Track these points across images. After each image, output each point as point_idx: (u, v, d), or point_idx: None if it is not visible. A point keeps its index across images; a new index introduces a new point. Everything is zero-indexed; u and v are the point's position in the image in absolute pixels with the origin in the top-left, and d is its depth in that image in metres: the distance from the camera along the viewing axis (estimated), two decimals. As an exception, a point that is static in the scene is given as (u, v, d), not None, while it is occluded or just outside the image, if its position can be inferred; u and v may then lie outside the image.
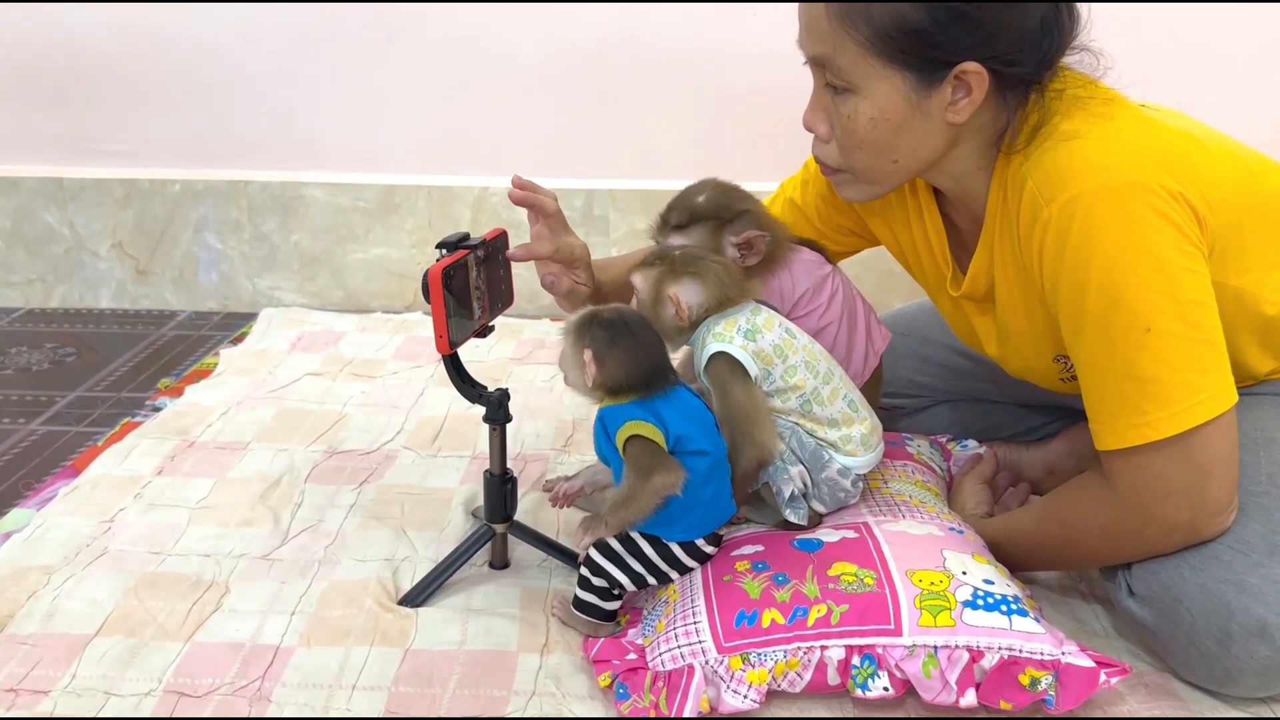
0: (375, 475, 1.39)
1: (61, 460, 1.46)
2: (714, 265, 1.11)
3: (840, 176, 1.06)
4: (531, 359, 1.82)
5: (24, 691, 0.96)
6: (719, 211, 1.19)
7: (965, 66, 0.93)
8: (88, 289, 2.13)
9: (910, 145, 0.99)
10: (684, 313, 1.09)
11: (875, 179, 1.04)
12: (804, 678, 0.94)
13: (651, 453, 0.98)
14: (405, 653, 1.02)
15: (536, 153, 2.08)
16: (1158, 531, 0.95)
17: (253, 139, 2.08)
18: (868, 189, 1.06)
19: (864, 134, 0.98)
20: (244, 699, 0.96)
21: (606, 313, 1.03)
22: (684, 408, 1.02)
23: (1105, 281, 0.91)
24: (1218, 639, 0.92)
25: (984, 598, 0.96)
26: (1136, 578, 1.00)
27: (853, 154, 1.02)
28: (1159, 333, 0.90)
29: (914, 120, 0.96)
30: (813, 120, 1.04)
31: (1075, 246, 0.92)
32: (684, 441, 1.00)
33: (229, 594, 1.11)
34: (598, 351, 1.00)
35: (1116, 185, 0.90)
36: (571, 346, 1.03)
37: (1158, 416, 0.91)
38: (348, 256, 2.11)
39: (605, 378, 1.01)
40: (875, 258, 2.07)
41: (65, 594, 1.10)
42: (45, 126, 2.07)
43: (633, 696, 0.94)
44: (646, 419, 0.99)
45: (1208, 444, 0.92)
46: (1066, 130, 0.95)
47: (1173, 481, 0.93)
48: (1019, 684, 0.91)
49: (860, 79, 0.96)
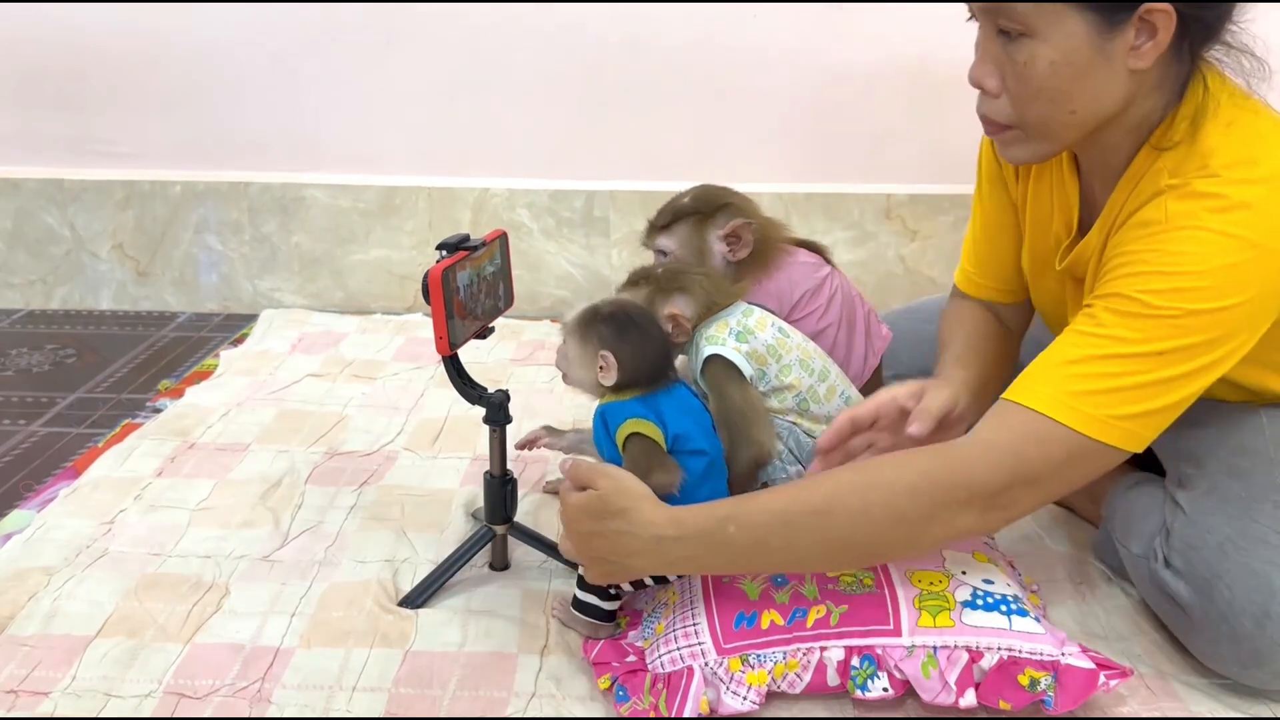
0: (375, 476, 1.39)
1: (62, 461, 1.46)
2: (696, 275, 1.13)
3: (1009, 134, 0.98)
4: (532, 360, 1.82)
5: (24, 693, 0.96)
6: (701, 207, 1.20)
7: (1151, 5, 0.86)
8: (88, 290, 2.13)
9: (1091, 94, 0.92)
10: (687, 329, 1.11)
11: (1049, 133, 0.96)
12: (803, 679, 0.94)
13: (651, 452, 0.98)
14: (405, 654, 1.02)
15: (537, 154, 2.08)
16: (966, 501, 0.89)
17: (253, 140, 2.08)
18: (1038, 146, 0.98)
19: (1043, 81, 0.91)
20: (244, 700, 0.96)
21: (607, 307, 1.03)
22: (684, 405, 1.02)
23: (1188, 285, 0.87)
24: (1255, 618, 0.92)
25: (983, 597, 0.96)
26: (1175, 550, 1.00)
27: (1028, 105, 0.94)
28: (1169, 360, 0.87)
29: (1096, 64, 0.90)
30: (981, 74, 0.96)
31: (1180, 229, 0.88)
32: (682, 440, 1.00)
33: (229, 595, 1.12)
34: (611, 349, 1.00)
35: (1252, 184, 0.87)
36: (579, 345, 1.02)
37: (1108, 417, 0.88)
38: (348, 258, 2.11)
39: (620, 375, 1.01)
40: (875, 259, 2.08)
41: (65, 595, 1.10)
42: (46, 128, 2.08)
43: (632, 698, 0.94)
44: (648, 417, 0.99)
45: (1099, 465, 0.90)
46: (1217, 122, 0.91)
47: (1046, 468, 0.89)
48: (1018, 684, 0.91)
49: (1040, 21, 0.89)
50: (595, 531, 0.94)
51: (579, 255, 2.10)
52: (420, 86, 2.04)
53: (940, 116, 2.03)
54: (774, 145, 2.07)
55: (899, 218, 2.06)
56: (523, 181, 2.08)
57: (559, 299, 2.12)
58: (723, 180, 2.08)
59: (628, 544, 0.93)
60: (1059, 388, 0.89)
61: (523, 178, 2.08)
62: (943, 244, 2.07)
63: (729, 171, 2.06)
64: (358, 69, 2.03)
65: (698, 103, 2.03)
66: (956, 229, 2.06)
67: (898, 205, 2.05)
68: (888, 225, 2.07)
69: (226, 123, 2.07)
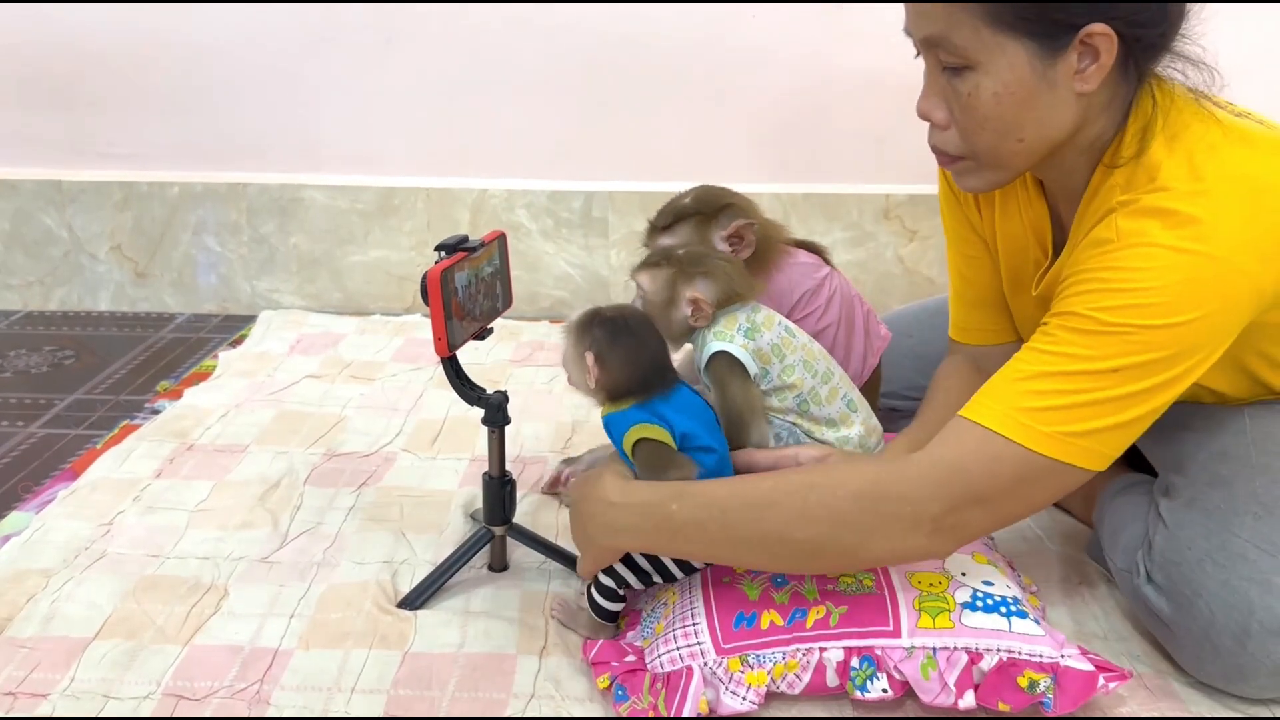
0: (374, 477, 1.39)
1: (60, 463, 1.46)
2: (720, 262, 1.11)
3: (961, 165, 0.98)
4: (530, 361, 1.82)
5: (23, 694, 0.96)
6: (702, 207, 1.20)
7: (1092, 28, 0.86)
8: (87, 292, 2.13)
9: (1037, 121, 0.92)
10: (707, 315, 1.09)
11: (1000, 162, 0.96)
12: (803, 679, 0.94)
13: (661, 453, 0.98)
14: (404, 655, 1.02)
15: (535, 155, 2.08)
16: (913, 518, 0.88)
17: (251, 141, 2.08)
18: (991, 175, 0.98)
19: (987, 111, 0.91)
20: (243, 702, 0.96)
21: (608, 311, 1.03)
22: (686, 406, 1.01)
23: (1141, 302, 0.85)
24: (1235, 635, 0.92)
25: (983, 599, 0.96)
26: (1157, 565, 0.99)
27: (975, 136, 0.94)
28: (1133, 376, 0.86)
29: (1040, 92, 0.90)
30: (928, 107, 0.96)
31: (1132, 247, 0.87)
32: (690, 439, 0.99)
33: (228, 597, 1.11)
34: (600, 353, 1.00)
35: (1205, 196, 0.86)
36: (573, 346, 1.02)
37: (1061, 434, 0.86)
38: (347, 259, 2.11)
39: (607, 380, 1.00)
40: (874, 259, 2.08)
41: (64, 597, 1.10)
42: (44, 129, 2.07)
43: (631, 698, 0.94)
44: (650, 420, 0.98)
45: (1058, 483, 0.89)
46: (1164, 140, 0.91)
47: (996, 486, 0.88)
48: (1017, 686, 0.91)
49: (979, 53, 0.89)
50: (574, 500, 1.01)
51: (578, 256, 2.10)
52: (419, 87, 2.04)
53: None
54: (772, 145, 2.07)
55: (897, 218, 2.06)
56: (521, 182, 2.08)
57: (558, 299, 2.12)
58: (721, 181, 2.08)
59: (585, 509, 0.99)
60: (1011, 404, 0.88)
61: (521, 178, 2.08)
62: (941, 244, 2.06)
63: (727, 172, 2.06)
64: (356, 70, 2.03)
65: (696, 103, 2.03)
66: (955, 229, 2.06)
67: (896, 205, 2.05)
68: (886, 225, 2.07)
69: (224, 124, 2.07)
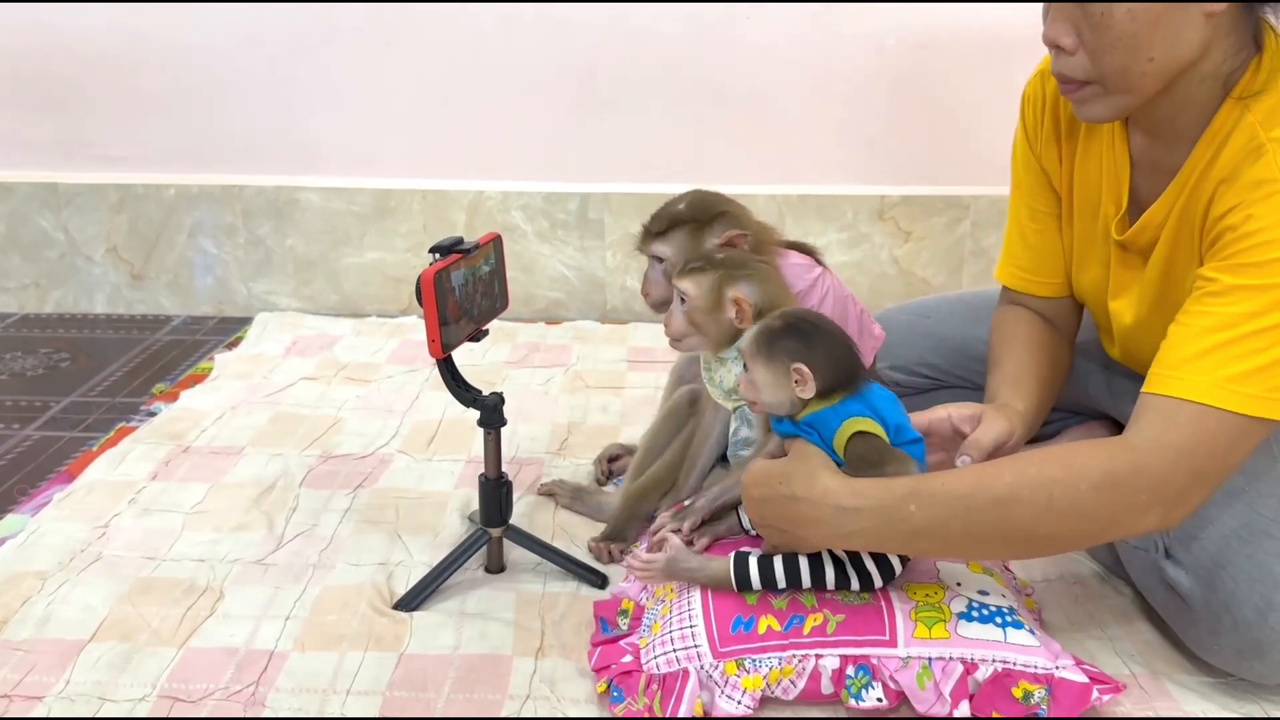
0: (370, 479, 1.39)
1: (56, 465, 1.45)
2: (761, 265, 1.11)
3: (1087, 90, 0.97)
4: (526, 362, 1.82)
5: (18, 697, 0.96)
6: (697, 214, 1.20)
7: None
8: (82, 294, 2.13)
9: (1168, 40, 0.91)
10: (749, 316, 1.08)
11: (1128, 85, 0.95)
12: (798, 685, 0.94)
13: (879, 448, 0.94)
14: (400, 657, 1.02)
15: (531, 156, 2.08)
16: (1147, 504, 0.90)
17: (247, 143, 2.08)
18: (1116, 101, 0.97)
19: (1121, 30, 0.91)
20: (238, 704, 0.96)
21: (780, 321, 0.98)
22: (885, 398, 0.97)
23: None
24: (1258, 608, 0.93)
25: (979, 609, 0.96)
26: (1177, 541, 1.00)
27: (1105, 57, 0.93)
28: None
29: (1171, 9, 0.90)
30: (1056, 33, 0.95)
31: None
32: (901, 431, 0.96)
33: (223, 599, 1.11)
34: (806, 360, 0.95)
35: None
36: (766, 366, 0.97)
37: (1269, 393, 0.87)
38: (342, 260, 2.11)
39: (820, 383, 0.95)
40: (868, 260, 2.09)
41: (60, 599, 1.10)
42: (40, 131, 2.07)
43: (627, 699, 0.94)
44: (865, 413, 0.94)
45: (1256, 442, 0.91)
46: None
47: (1215, 458, 0.89)
48: (1012, 697, 0.91)
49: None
50: (768, 497, 0.95)
51: (573, 257, 2.10)
52: (414, 89, 2.04)
53: (933, 118, 2.04)
54: (767, 147, 2.07)
55: (892, 219, 2.06)
56: (517, 184, 2.08)
57: (553, 301, 2.12)
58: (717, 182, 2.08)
59: (804, 512, 0.93)
60: (1213, 375, 0.88)
61: (517, 180, 2.08)
62: (936, 245, 2.08)
63: (723, 173, 2.07)
64: (351, 72, 2.03)
65: (691, 105, 2.04)
66: (949, 230, 2.07)
67: (891, 207, 2.06)
68: (881, 226, 2.07)
69: (220, 126, 2.07)
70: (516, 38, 1.99)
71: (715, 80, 2.02)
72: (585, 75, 2.02)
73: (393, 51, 2.01)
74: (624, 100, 2.03)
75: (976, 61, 1.99)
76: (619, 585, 1.13)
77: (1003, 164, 2.12)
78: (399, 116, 2.06)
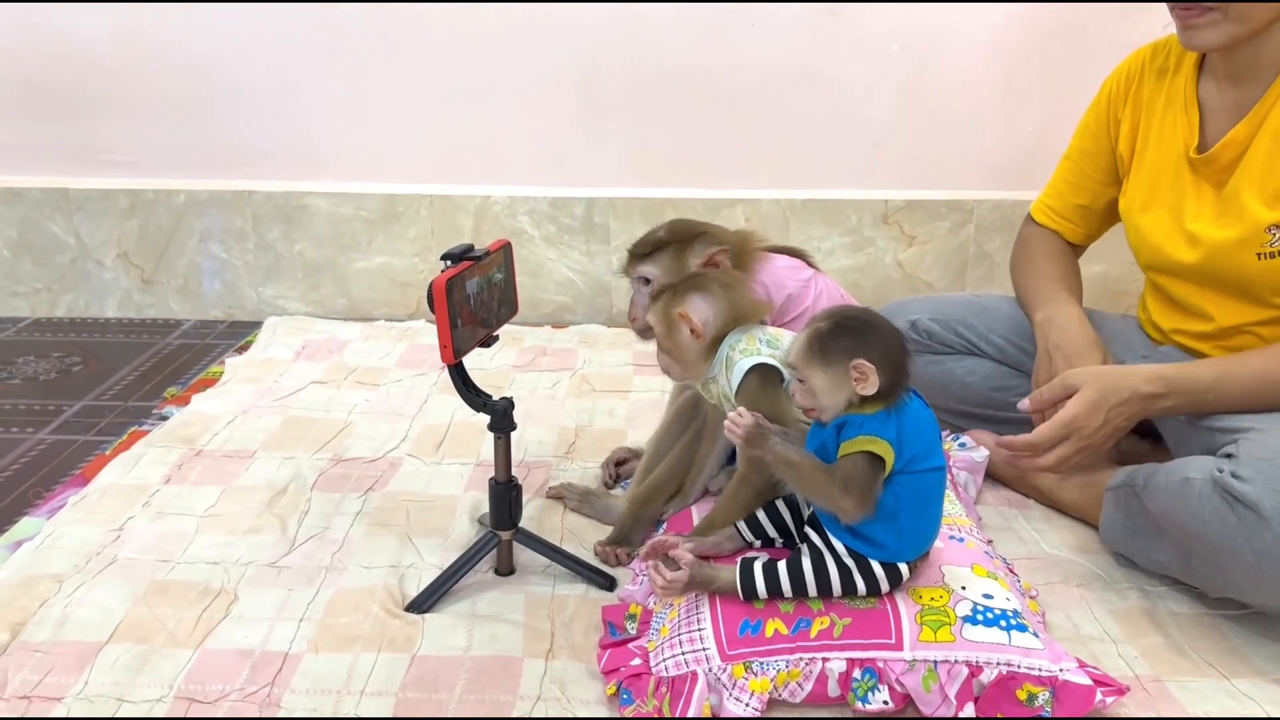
0: (380, 483, 1.40)
1: (70, 469, 1.47)
2: (716, 279, 1.12)
3: (1209, 16, 1.13)
4: (533, 366, 1.84)
5: (37, 698, 0.98)
6: (678, 236, 1.22)
7: None
8: (93, 298, 2.14)
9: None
10: (698, 329, 1.09)
11: (1245, 13, 1.12)
12: (805, 688, 0.95)
13: (869, 477, 0.93)
14: (412, 658, 1.04)
15: (537, 161, 2.09)
16: None
17: (256, 149, 2.10)
18: (1230, 29, 1.13)
19: None
20: (254, 705, 0.97)
21: (828, 323, 0.97)
22: (919, 420, 0.97)
23: None
24: None
25: (983, 613, 0.98)
26: (1244, 464, 1.02)
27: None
28: None
29: None
30: None
31: None
32: (918, 460, 0.95)
33: (237, 601, 1.13)
34: (867, 357, 0.93)
35: None
36: (824, 369, 0.95)
37: None
38: (351, 265, 2.13)
39: (882, 377, 0.93)
40: (872, 264, 2.10)
41: (76, 602, 1.12)
42: (51, 138, 2.09)
43: (636, 701, 0.95)
44: (886, 436, 0.93)
45: None
46: None
47: None
48: (1016, 699, 0.93)
49: None
50: (1107, 419, 1.17)
51: (579, 262, 2.12)
52: (421, 94, 2.05)
53: (936, 123, 2.05)
54: (772, 152, 2.09)
55: (896, 223, 2.08)
56: (523, 189, 2.09)
57: (560, 305, 2.14)
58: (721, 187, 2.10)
59: (1128, 409, 1.17)
60: None
61: (523, 185, 2.10)
62: (940, 249, 2.09)
63: (727, 178, 2.08)
64: (359, 77, 2.05)
65: (696, 110, 2.05)
66: (953, 234, 2.08)
67: (895, 211, 2.07)
68: (885, 231, 2.08)
69: (229, 132, 2.08)
70: (522, 43, 2.01)
71: (720, 85, 2.03)
72: (591, 80, 2.04)
73: (400, 57, 2.03)
74: (629, 105, 2.05)
75: (979, 66, 2.01)
76: (626, 589, 1.14)
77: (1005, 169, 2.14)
78: (406, 122, 2.07)
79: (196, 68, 2.04)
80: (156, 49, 2.02)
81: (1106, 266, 2.00)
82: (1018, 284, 1.47)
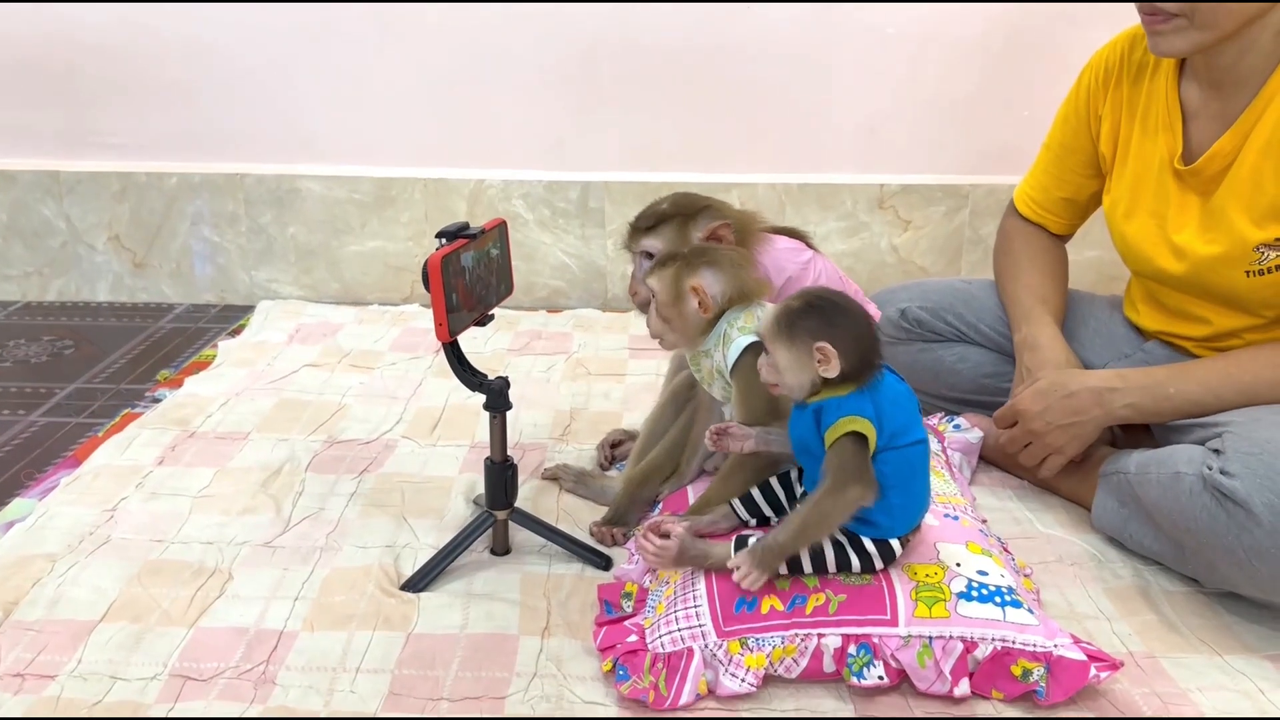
0: (375, 464, 1.40)
1: (62, 451, 1.46)
2: (729, 253, 1.12)
3: (1175, 24, 1.12)
4: (528, 350, 1.84)
5: (31, 675, 0.97)
6: (682, 209, 1.22)
7: None
8: (85, 282, 2.13)
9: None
10: (708, 302, 1.09)
11: (1213, 21, 1.10)
12: (800, 664, 0.95)
13: (861, 459, 0.93)
14: (408, 636, 1.04)
15: (532, 145, 2.09)
16: None
17: (249, 132, 2.08)
18: (1196, 36, 1.12)
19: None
20: (249, 682, 0.97)
21: (800, 302, 0.97)
22: (896, 396, 0.96)
23: None
24: None
25: (978, 589, 0.98)
26: (1230, 458, 1.03)
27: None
28: None
29: None
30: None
31: None
32: (900, 435, 0.95)
33: (232, 580, 1.13)
34: (829, 338, 0.93)
35: None
36: (788, 347, 0.96)
37: None
38: (344, 249, 2.12)
39: (845, 362, 0.93)
40: (868, 249, 2.10)
41: (69, 581, 1.11)
42: (42, 120, 2.08)
43: (633, 677, 0.95)
44: (865, 414, 0.93)
45: None
46: None
47: None
48: (1011, 674, 0.93)
49: None
50: (1049, 405, 1.21)
51: (574, 246, 2.11)
52: (415, 78, 2.04)
53: (932, 108, 2.05)
54: (767, 136, 2.08)
55: (891, 208, 2.08)
56: (518, 173, 2.09)
57: (555, 289, 2.13)
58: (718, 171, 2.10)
59: (1080, 402, 1.20)
60: None
61: (518, 169, 2.09)
62: (935, 234, 2.09)
63: (723, 162, 2.08)
64: (353, 61, 2.03)
65: (692, 94, 2.04)
66: (949, 219, 2.08)
67: (890, 195, 2.07)
68: (880, 215, 2.08)
69: (222, 115, 2.07)
70: (518, 26, 2.00)
71: (716, 69, 2.02)
72: (586, 63, 2.03)
73: (394, 40, 2.02)
74: (625, 89, 2.04)
75: (975, 52, 2.01)
76: (622, 568, 1.15)
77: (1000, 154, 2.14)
78: (400, 105, 2.06)
79: (188, 50, 2.02)
80: (148, 31, 2.01)
81: (1100, 251, 2.00)
82: (1001, 288, 1.45)
